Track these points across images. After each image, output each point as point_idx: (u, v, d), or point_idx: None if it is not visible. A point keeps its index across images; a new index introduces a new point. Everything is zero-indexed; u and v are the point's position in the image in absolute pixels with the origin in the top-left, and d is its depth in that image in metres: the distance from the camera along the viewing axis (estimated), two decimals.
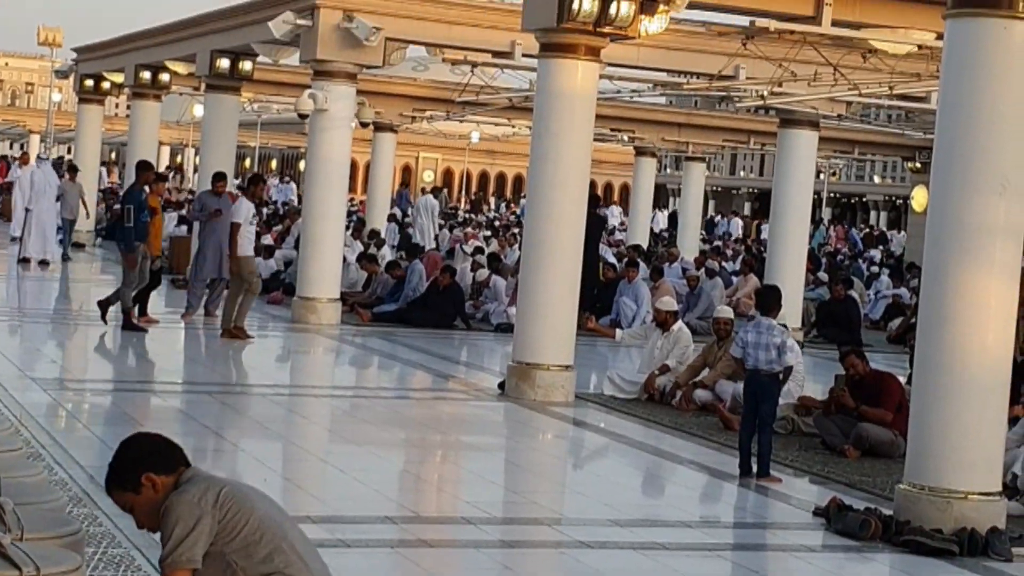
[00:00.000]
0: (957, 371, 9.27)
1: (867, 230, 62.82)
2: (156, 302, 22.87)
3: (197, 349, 17.40)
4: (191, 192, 46.18)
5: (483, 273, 22.63)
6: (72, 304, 22.17)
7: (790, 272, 21.27)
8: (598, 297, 21.84)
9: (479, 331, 20.68)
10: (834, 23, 15.35)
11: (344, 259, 21.32)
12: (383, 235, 29.91)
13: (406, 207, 47.05)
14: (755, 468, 10.99)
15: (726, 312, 14.96)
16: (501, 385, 14.68)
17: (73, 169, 28.62)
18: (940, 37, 10.35)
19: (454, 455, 11.99)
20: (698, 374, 14.54)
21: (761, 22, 15.71)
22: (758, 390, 11.05)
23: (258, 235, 26.71)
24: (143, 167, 18.68)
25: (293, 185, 56.83)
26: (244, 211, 17.86)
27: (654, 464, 11.99)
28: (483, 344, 19.66)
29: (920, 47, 16.25)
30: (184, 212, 31.72)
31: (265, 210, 38.77)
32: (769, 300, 11.31)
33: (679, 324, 15.47)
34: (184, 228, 27.88)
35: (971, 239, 9.24)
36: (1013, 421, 11.01)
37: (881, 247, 48.60)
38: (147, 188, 18.11)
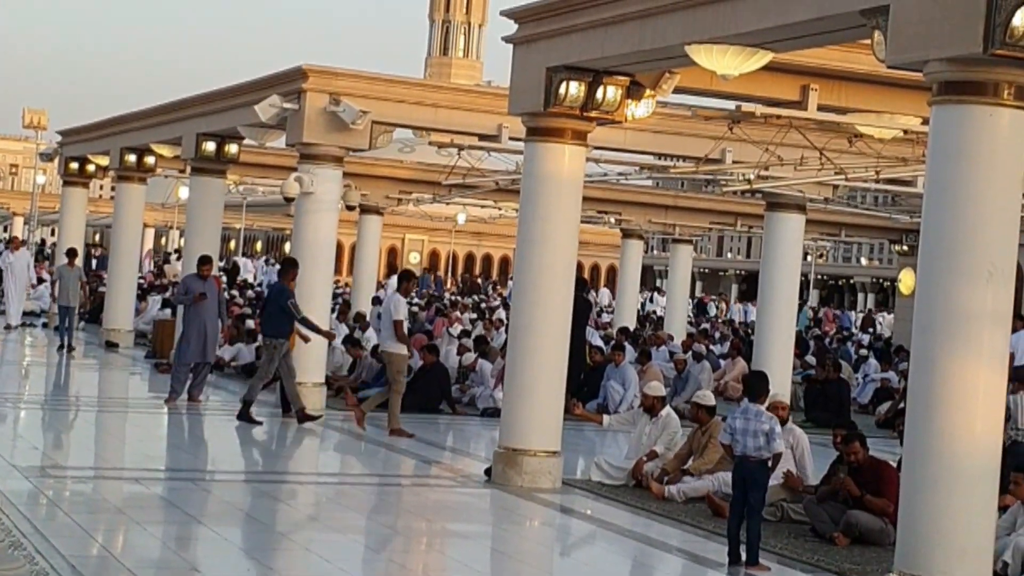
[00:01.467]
0: (946, 458, 9.27)
1: (863, 312, 62.81)
2: (139, 386, 22.87)
3: (180, 435, 17.32)
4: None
5: (469, 357, 22.61)
6: (56, 389, 22.07)
7: (778, 355, 21.27)
8: (585, 381, 21.82)
9: (465, 415, 20.62)
10: (820, 108, 15.47)
11: (329, 343, 21.28)
12: (368, 318, 29.88)
13: (428, 290, 47.59)
14: (744, 556, 10.94)
15: (706, 398, 14.93)
16: (487, 471, 14.62)
17: (72, 253, 27.76)
18: (926, 122, 10.45)
19: (439, 543, 11.91)
20: (685, 462, 14.49)
21: (747, 107, 15.82)
22: (747, 477, 11.01)
23: (242, 318, 26.80)
24: (291, 263, 18.89)
25: (278, 267, 56.81)
26: (403, 309, 17.97)
27: (642, 552, 11.92)
28: (469, 429, 19.59)
29: (906, 132, 16.37)
30: (168, 295, 31.72)
31: (249, 293, 38.79)
32: (757, 386, 11.30)
33: (667, 409, 15.45)
34: (168, 311, 27.86)
35: (959, 326, 9.27)
36: (1003, 509, 10.98)
37: (871, 330, 48.68)
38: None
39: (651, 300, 61.23)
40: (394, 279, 34.22)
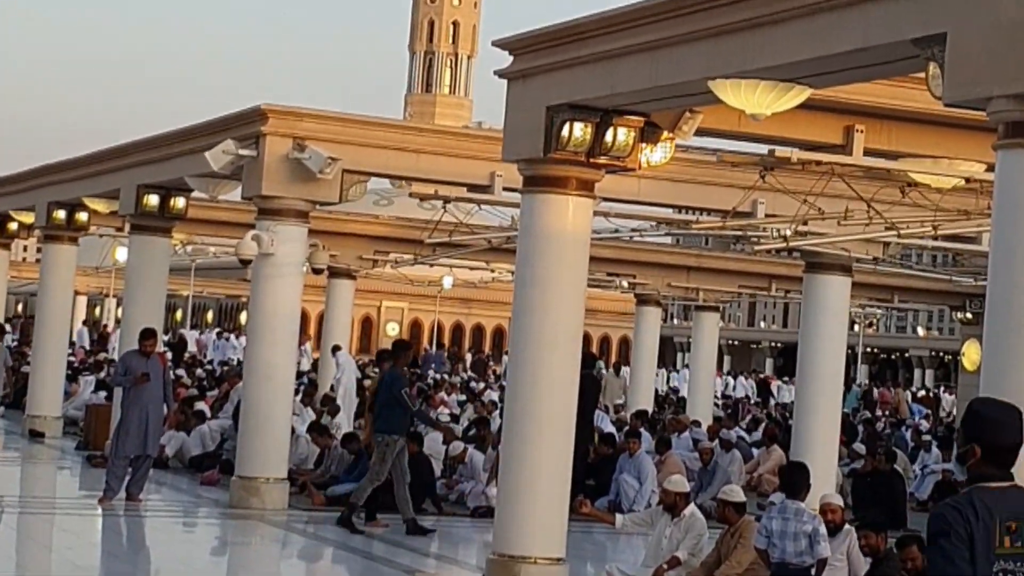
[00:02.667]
0: None
1: (922, 392, 62.78)
2: (68, 483, 22.79)
3: (117, 541, 17.24)
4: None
5: (457, 446, 22.54)
6: None
7: (821, 443, 21.20)
8: (594, 474, 21.75)
9: (453, 516, 20.55)
10: (867, 152, 15.50)
11: (292, 430, 21.26)
12: (339, 401, 29.86)
13: (443, 371, 47.71)
14: None
15: (734, 494, 14.85)
16: None
17: None
18: (991, 168, 10.48)
19: None
20: (712, 572, 14.40)
21: (782, 151, 15.87)
22: None
23: (190, 401, 26.75)
24: (404, 346, 19.01)
25: (234, 341, 56.83)
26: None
27: None
28: (458, 532, 19.52)
29: (968, 180, 16.40)
30: (104, 375, 31.67)
31: (199, 371, 38.77)
32: (796, 480, 11.29)
33: (691, 508, 15.33)
34: (103, 395, 27.81)
35: None
36: None
37: (929, 412, 48.66)
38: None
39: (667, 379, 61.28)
40: (343, 352, 34.00)
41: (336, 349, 34.35)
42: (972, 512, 5.65)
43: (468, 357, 72.21)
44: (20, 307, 76.14)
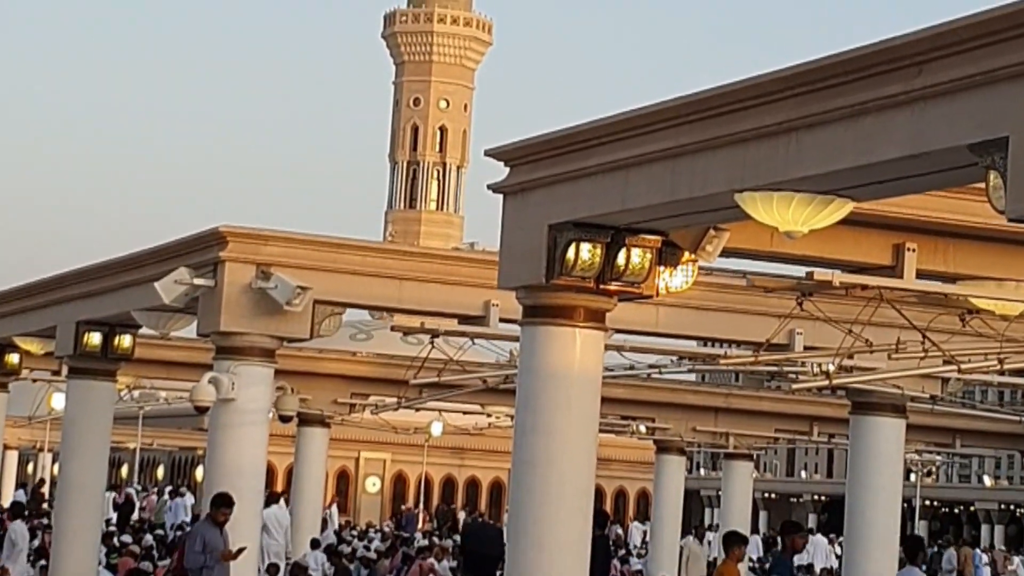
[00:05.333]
0: None
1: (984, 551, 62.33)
2: None
3: None
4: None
5: None
6: None
7: None
8: None
9: None
10: (920, 274, 15.52)
11: None
12: (311, 570, 29.72)
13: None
14: None
15: None
16: None
17: None
18: None
19: None
20: None
21: (822, 274, 15.88)
22: None
23: (139, 573, 26.52)
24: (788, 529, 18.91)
25: (189, 500, 56.59)
26: None
27: None
28: None
29: None
30: (38, 542, 31.44)
31: (149, 537, 38.56)
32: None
33: None
34: (41, 564, 27.60)
35: None
36: None
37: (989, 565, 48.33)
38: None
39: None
40: (275, 508, 33.20)
41: (273, 498, 32.75)
42: None
43: (462, 516, 71.84)
44: None
